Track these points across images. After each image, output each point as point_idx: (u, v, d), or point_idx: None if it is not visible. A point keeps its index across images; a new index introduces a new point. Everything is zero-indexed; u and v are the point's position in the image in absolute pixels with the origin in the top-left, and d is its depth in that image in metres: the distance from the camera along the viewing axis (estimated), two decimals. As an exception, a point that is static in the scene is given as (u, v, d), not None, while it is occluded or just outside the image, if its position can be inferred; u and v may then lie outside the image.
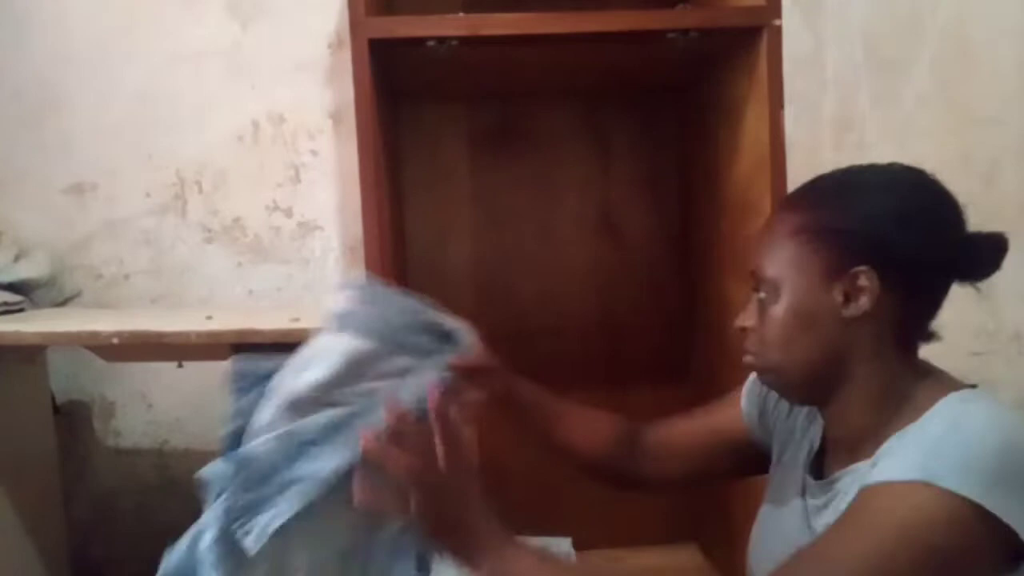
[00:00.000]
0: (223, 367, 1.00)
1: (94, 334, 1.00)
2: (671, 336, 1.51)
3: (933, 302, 0.75)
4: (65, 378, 1.46)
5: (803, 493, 0.81)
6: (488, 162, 1.48)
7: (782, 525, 0.84)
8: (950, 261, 0.73)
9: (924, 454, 0.64)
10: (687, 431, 0.98)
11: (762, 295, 0.78)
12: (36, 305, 1.32)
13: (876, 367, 0.74)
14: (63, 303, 1.39)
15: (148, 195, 1.47)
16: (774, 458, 0.90)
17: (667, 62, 1.20)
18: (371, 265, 1.07)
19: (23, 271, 1.30)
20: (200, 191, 1.47)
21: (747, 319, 0.80)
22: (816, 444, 0.83)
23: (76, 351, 1.39)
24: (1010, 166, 1.49)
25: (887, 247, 0.72)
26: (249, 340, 0.98)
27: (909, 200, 0.74)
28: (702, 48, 1.09)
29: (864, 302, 0.72)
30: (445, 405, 0.70)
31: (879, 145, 1.49)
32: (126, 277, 1.48)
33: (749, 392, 0.93)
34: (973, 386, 0.74)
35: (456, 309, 1.45)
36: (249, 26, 1.45)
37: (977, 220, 0.73)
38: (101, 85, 1.45)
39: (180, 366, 1.43)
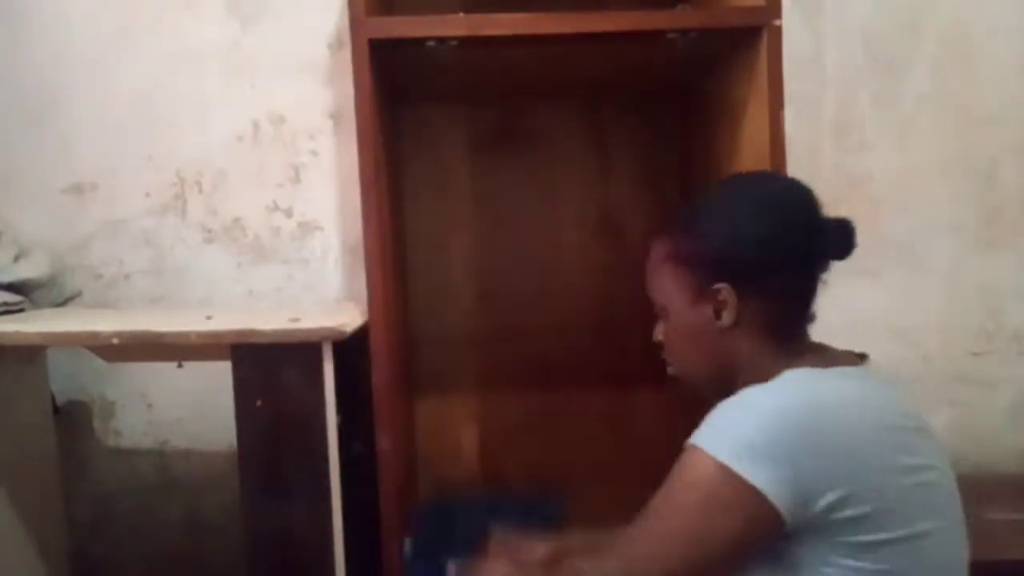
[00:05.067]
0: (223, 367, 1.00)
1: (94, 334, 1.00)
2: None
3: (801, 294, 0.82)
4: (65, 378, 1.46)
5: None
6: (488, 162, 1.47)
7: None
8: (802, 258, 0.80)
9: (705, 422, 0.74)
10: None
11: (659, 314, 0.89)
12: (36, 305, 1.32)
13: (759, 364, 0.80)
14: (63, 303, 1.39)
15: (148, 195, 1.47)
16: None
17: (667, 62, 1.20)
18: (371, 265, 1.07)
19: (23, 271, 1.30)
20: (200, 191, 1.47)
21: (657, 334, 0.92)
22: None
23: (76, 351, 1.39)
24: (1010, 166, 1.49)
25: (737, 264, 0.80)
26: (249, 340, 0.98)
27: (754, 216, 0.81)
28: (702, 48, 1.09)
29: (728, 315, 0.81)
30: None
31: (879, 145, 1.48)
32: (126, 277, 1.48)
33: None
34: (863, 356, 0.80)
35: (456, 309, 1.47)
36: (249, 26, 1.45)
37: (977, 220, 0.73)
38: (101, 85, 1.46)
39: (180, 366, 1.43)
